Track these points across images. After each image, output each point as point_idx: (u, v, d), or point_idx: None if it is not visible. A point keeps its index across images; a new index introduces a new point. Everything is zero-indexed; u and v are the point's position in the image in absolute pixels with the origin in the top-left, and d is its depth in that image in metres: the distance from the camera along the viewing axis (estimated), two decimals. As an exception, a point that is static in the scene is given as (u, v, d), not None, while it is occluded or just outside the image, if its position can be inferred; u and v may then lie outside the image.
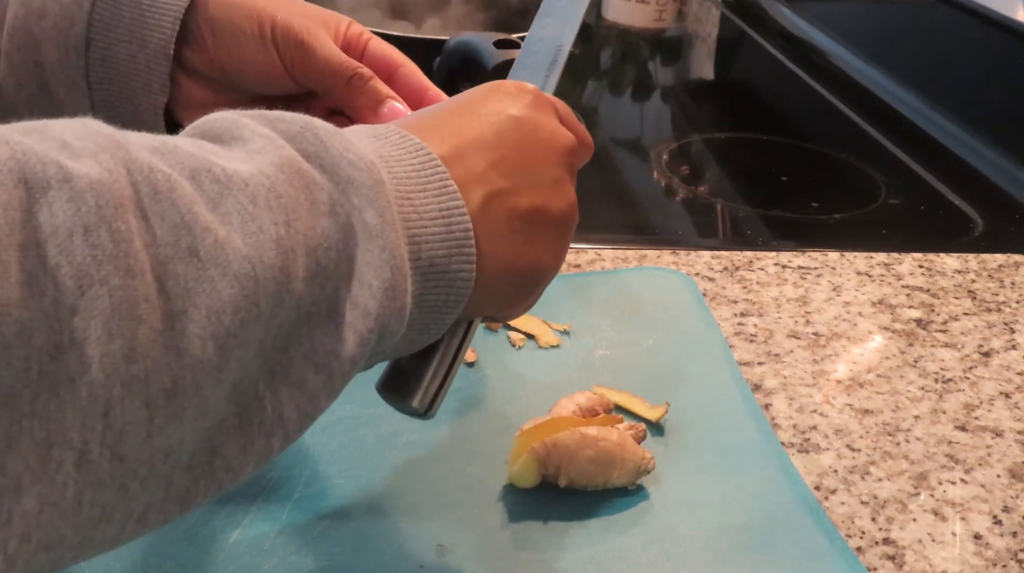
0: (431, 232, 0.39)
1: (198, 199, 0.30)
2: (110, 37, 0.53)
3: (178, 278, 0.29)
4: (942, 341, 0.74)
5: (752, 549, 0.52)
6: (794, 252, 0.85)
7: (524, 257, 0.44)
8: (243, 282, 0.30)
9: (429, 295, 0.39)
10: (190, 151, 0.32)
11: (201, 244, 0.29)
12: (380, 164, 0.38)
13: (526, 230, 0.43)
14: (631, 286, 0.76)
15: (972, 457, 0.62)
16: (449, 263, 0.39)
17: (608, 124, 1.19)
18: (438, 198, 0.39)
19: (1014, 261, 0.87)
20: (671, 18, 1.61)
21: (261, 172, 0.33)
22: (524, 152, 0.44)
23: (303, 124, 0.36)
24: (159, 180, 0.29)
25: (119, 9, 0.53)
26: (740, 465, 0.58)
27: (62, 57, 0.53)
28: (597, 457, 0.54)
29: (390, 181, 0.38)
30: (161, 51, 0.53)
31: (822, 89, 1.31)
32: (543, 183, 0.44)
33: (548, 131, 0.46)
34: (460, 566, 0.50)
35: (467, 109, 0.45)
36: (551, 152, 0.45)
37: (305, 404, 0.34)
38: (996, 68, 1.10)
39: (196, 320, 0.29)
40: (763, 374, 0.68)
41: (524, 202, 0.43)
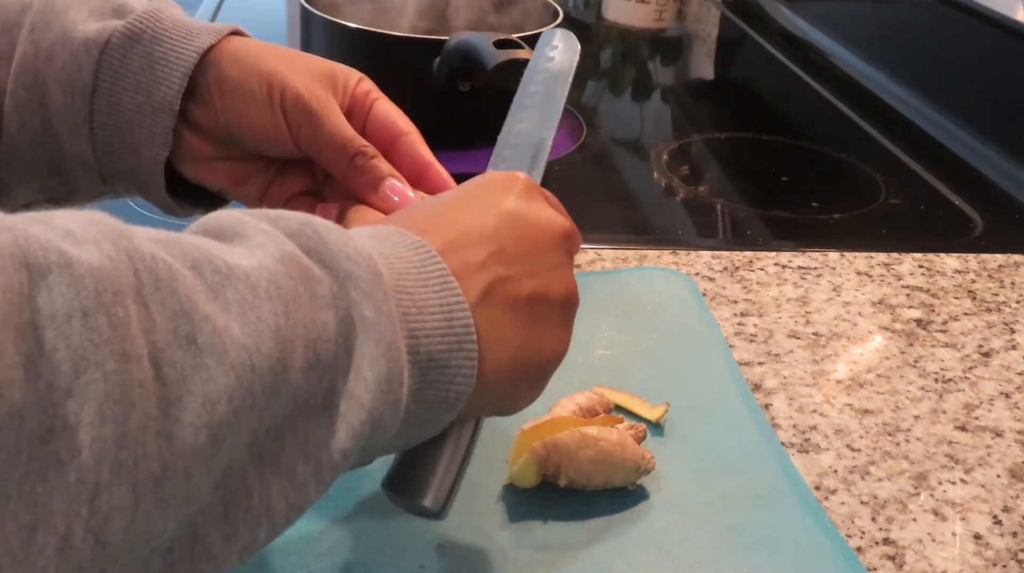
0: (431, 326, 0.38)
1: (199, 288, 0.30)
2: (117, 86, 0.52)
3: (175, 365, 0.29)
4: (942, 341, 0.74)
5: (752, 549, 0.52)
6: (794, 252, 0.85)
7: (528, 346, 0.43)
8: (239, 371, 0.30)
9: (428, 390, 0.39)
10: (193, 243, 0.32)
11: (199, 332, 0.30)
12: (379, 259, 0.38)
13: (529, 318, 0.43)
14: (631, 286, 0.76)
15: (972, 457, 0.62)
16: (449, 358, 0.39)
17: (608, 124, 1.19)
18: (439, 293, 0.39)
19: (1014, 261, 0.87)
20: (671, 18, 1.61)
21: (262, 265, 0.33)
22: (523, 241, 0.44)
23: (303, 221, 0.36)
24: (160, 268, 0.30)
25: (128, 58, 0.52)
26: (740, 465, 0.58)
27: (67, 101, 0.52)
28: (597, 457, 0.54)
29: (389, 276, 0.38)
30: (167, 106, 0.52)
31: (822, 89, 1.31)
32: (543, 269, 0.44)
33: (544, 218, 0.45)
34: (460, 566, 0.50)
35: (463, 202, 0.45)
36: (548, 239, 0.45)
37: (293, 495, 0.33)
38: (996, 68, 1.10)
39: (191, 408, 0.29)
40: (763, 374, 0.68)
41: (526, 289, 0.43)
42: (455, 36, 0.92)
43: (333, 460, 0.34)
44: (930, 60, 1.22)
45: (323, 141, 0.53)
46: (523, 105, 0.57)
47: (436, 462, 0.43)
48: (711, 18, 1.65)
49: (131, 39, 0.52)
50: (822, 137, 1.21)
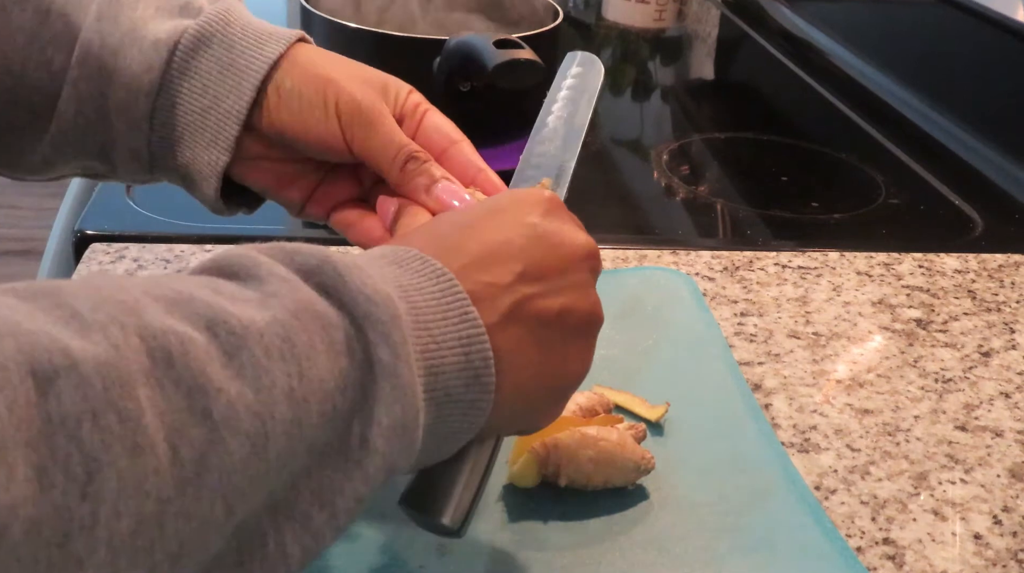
0: (449, 362, 0.38)
1: (213, 354, 0.30)
2: (183, 87, 0.52)
3: (192, 443, 0.29)
4: (942, 341, 0.74)
5: (752, 549, 0.52)
6: (794, 252, 0.85)
7: (551, 364, 0.43)
8: (254, 440, 0.30)
9: (442, 424, 0.39)
10: (206, 300, 0.32)
11: (214, 405, 0.30)
12: (399, 294, 0.38)
13: (553, 336, 0.43)
14: (631, 286, 0.76)
15: (972, 457, 0.62)
16: (466, 393, 0.39)
17: (608, 124, 1.19)
18: (457, 326, 0.39)
19: (1014, 261, 0.87)
20: (671, 18, 1.61)
21: (276, 320, 0.33)
22: (549, 258, 0.44)
23: (322, 258, 0.36)
24: (173, 343, 0.30)
25: (197, 61, 0.52)
26: (740, 465, 0.58)
27: (130, 98, 0.52)
28: (597, 457, 0.54)
29: (408, 312, 0.37)
30: (234, 114, 0.52)
31: (822, 89, 1.31)
32: (568, 287, 0.44)
33: (569, 236, 0.45)
34: (460, 566, 0.50)
35: (489, 217, 0.45)
36: (574, 257, 0.45)
37: (309, 541, 0.34)
38: (996, 68, 1.10)
39: (207, 484, 0.29)
40: (763, 374, 0.68)
41: (553, 306, 0.43)
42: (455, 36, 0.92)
43: (348, 505, 0.35)
44: (930, 60, 1.22)
45: (376, 145, 0.53)
46: (544, 126, 0.57)
47: (455, 480, 0.42)
48: (711, 18, 1.65)
49: (201, 41, 0.52)
50: (822, 137, 1.21)
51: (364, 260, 0.39)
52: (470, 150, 0.56)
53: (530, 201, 0.46)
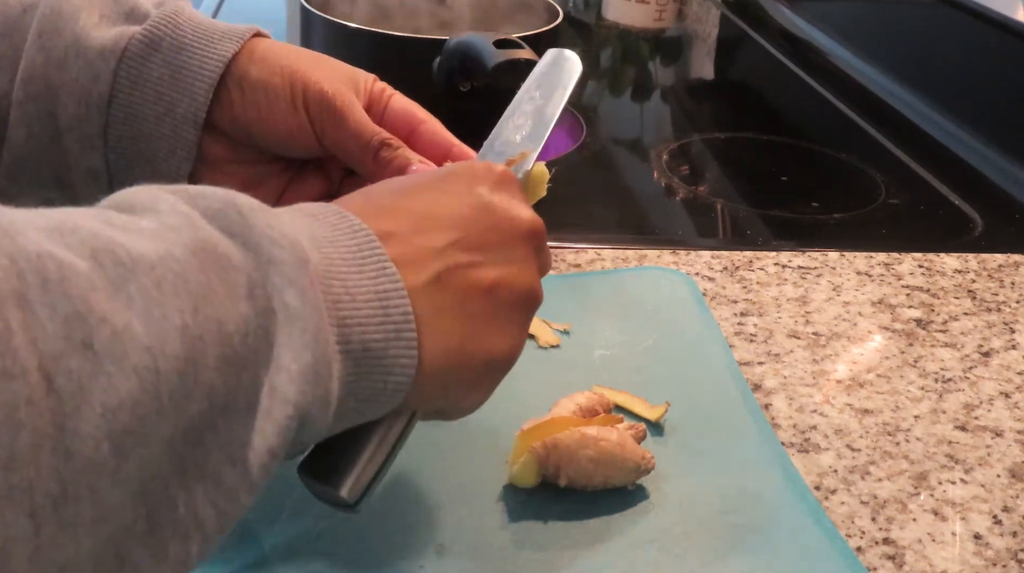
0: (364, 314, 0.36)
1: (96, 284, 0.28)
2: (135, 96, 0.50)
3: (69, 374, 0.26)
4: (942, 341, 0.74)
5: (752, 549, 0.52)
6: (794, 252, 0.85)
7: (476, 338, 0.41)
8: (142, 375, 0.28)
9: (363, 382, 0.37)
10: (93, 229, 0.29)
11: (96, 335, 0.27)
12: (311, 244, 0.36)
13: (483, 309, 0.41)
14: (631, 286, 0.76)
15: (972, 457, 0.62)
16: (386, 348, 0.37)
17: (608, 124, 1.19)
18: (374, 279, 0.37)
19: (1014, 261, 0.87)
20: (671, 18, 1.61)
21: (170, 255, 0.30)
22: (490, 231, 0.43)
23: (226, 200, 0.34)
24: (49, 268, 0.27)
25: (147, 67, 0.50)
26: (740, 465, 0.58)
27: (80, 112, 0.50)
28: (597, 457, 0.54)
29: (320, 262, 0.36)
30: (191, 118, 0.50)
31: (822, 89, 1.31)
32: (507, 261, 0.43)
33: (515, 211, 0.44)
34: (460, 566, 0.50)
35: (432, 187, 0.43)
36: (518, 231, 0.44)
37: (222, 501, 0.31)
38: (996, 68, 1.10)
39: (88, 419, 0.26)
40: (763, 374, 0.68)
41: (487, 277, 0.41)
42: (455, 36, 0.92)
43: (261, 460, 0.32)
44: (930, 60, 1.22)
45: (347, 136, 0.52)
46: (514, 115, 0.56)
47: (359, 453, 0.40)
48: (711, 18, 1.65)
49: (150, 46, 0.50)
50: (822, 137, 1.21)
51: (276, 210, 0.37)
52: (439, 127, 0.55)
53: (480, 173, 0.44)
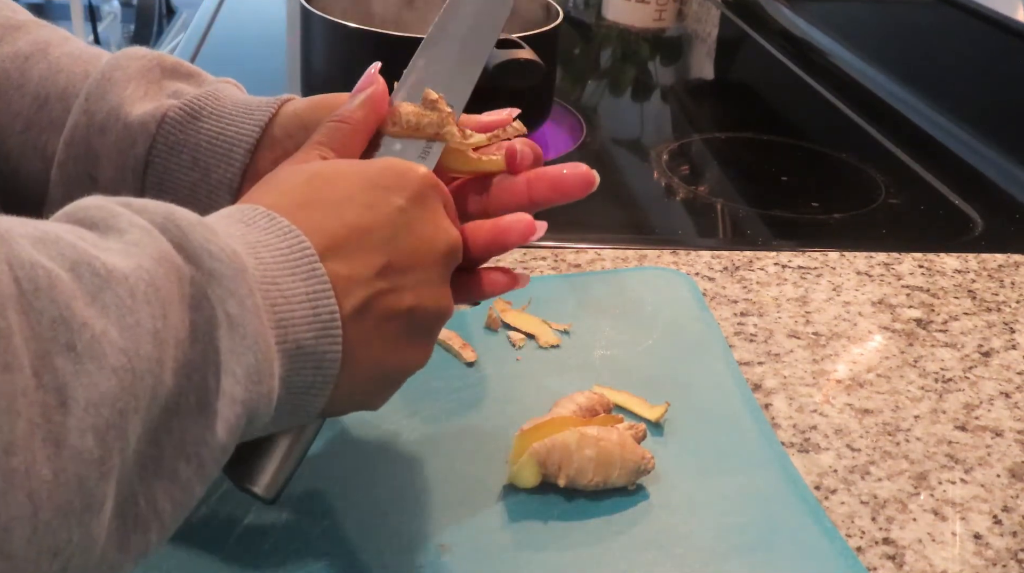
0: (298, 316, 0.39)
1: (77, 293, 0.31)
2: (171, 162, 0.51)
3: (56, 372, 0.29)
4: (942, 341, 0.74)
5: (752, 549, 0.52)
6: (794, 252, 0.85)
7: (392, 358, 0.44)
8: (120, 375, 0.31)
9: (296, 377, 0.39)
10: (71, 242, 0.32)
11: (78, 338, 0.30)
12: (246, 251, 0.38)
13: (399, 331, 0.44)
14: (631, 286, 0.76)
15: (972, 457, 0.62)
16: (317, 345, 0.40)
17: (608, 124, 1.19)
18: (306, 281, 0.40)
19: (1014, 261, 0.87)
20: (671, 18, 1.61)
21: (140, 266, 0.33)
22: (410, 254, 0.44)
23: (165, 214, 0.36)
24: (40, 276, 0.30)
25: (185, 134, 0.51)
26: (740, 465, 0.58)
27: (118, 177, 0.51)
28: (597, 457, 0.54)
29: (256, 267, 0.38)
30: (227, 183, 0.51)
31: (822, 89, 1.31)
32: (424, 283, 0.44)
33: (435, 229, 0.45)
34: (460, 566, 0.50)
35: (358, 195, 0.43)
36: (436, 253, 0.45)
37: (179, 494, 0.34)
38: (996, 68, 1.10)
39: (75, 413, 0.29)
40: (763, 374, 0.68)
41: (404, 303, 0.43)
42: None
43: (214, 455, 0.35)
44: (930, 60, 1.22)
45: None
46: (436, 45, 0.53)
47: (273, 451, 0.44)
48: (711, 18, 1.65)
49: (190, 116, 0.51)
50: (822, 137, 1.21)
51: (211, 218, 0.40)
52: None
53: (402, 181, 0.45)
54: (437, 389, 0.63)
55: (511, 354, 0.67)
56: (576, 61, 1.45)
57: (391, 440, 0.58)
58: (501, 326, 0.70)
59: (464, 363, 0.65)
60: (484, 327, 0.69)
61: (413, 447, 0.58)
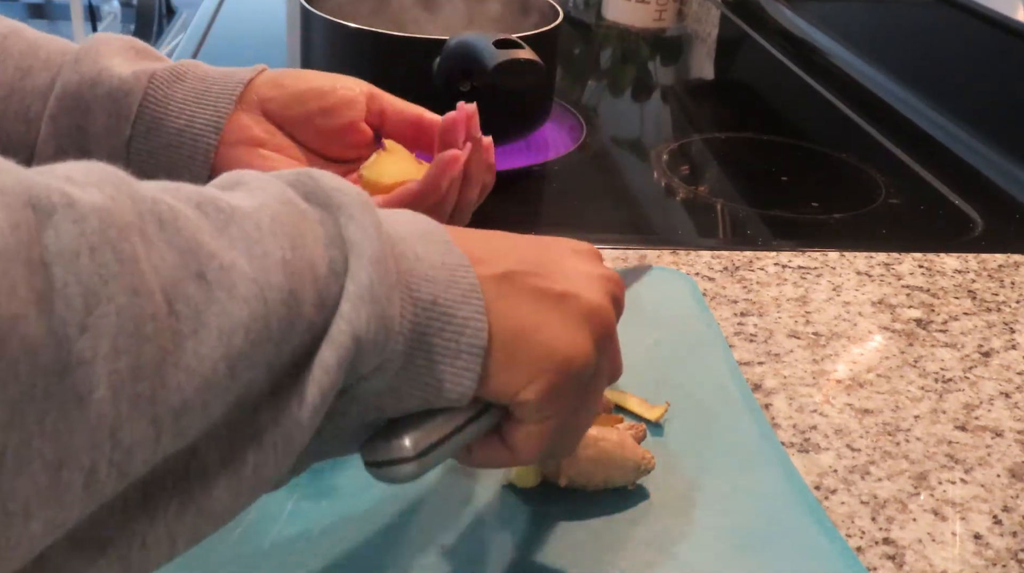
0: (431, 276, 0.38)
1: (203, 226, 0.31)
2: (159, 112, 0.58)
3: (188, 299, 0.29)
4: (942, 341, 0.74)
5: (752, 549, 0.52)
6: (794, 252, 0.85)
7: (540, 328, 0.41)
8: (252, 304, 0.31)
9: (435, 337, 0.38)
10: (195, 188, 0.33)
11: (207, 268, 0.30)
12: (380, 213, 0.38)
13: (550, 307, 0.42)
14: (631, 286, 0.76)
15: (972, 457, 0.62)
16: (456, 307, 0.38)
17: (608, 124, 1.19)
18: (442, 253, 0.39)
19: (1014, 261, 0.87)
20: (671, 18, 1.61)
21: (264, 204, 0.34)
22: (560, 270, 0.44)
23: (299, 171, 0.38)
24: (163, 210, 0.30)
25: (173, 90, 0.58)
26: (740, 465, 0.58)
27: (110, 125, 0.57)
28: (597, 457, 0.54)
29: (388, 225, 0.38)
30: (212, 125, 0.58)
31: (822, 89, 1.31)
32: (580, 276, 0.44)
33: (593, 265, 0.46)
34: (460, 566, 0.50)
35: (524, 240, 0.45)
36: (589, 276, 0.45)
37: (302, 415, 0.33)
38: (996, 68, 1.10)
39: (206, 341, 0.29)
40: (763, 374, 0.68)
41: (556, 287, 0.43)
42: (455, 36, 0.92)
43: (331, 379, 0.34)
44: (930, 60, 1.22)
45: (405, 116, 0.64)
46: None
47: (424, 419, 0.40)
48: (711, 18, 1.65)
49: (175, 76, 0.59)
50: (822, 137, 1.21)
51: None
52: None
53: (573, 244, 0.47)
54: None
55: (511, 354, 0.67)
56: (576, 61, 1.45)
57: (391, 440, 0.58)
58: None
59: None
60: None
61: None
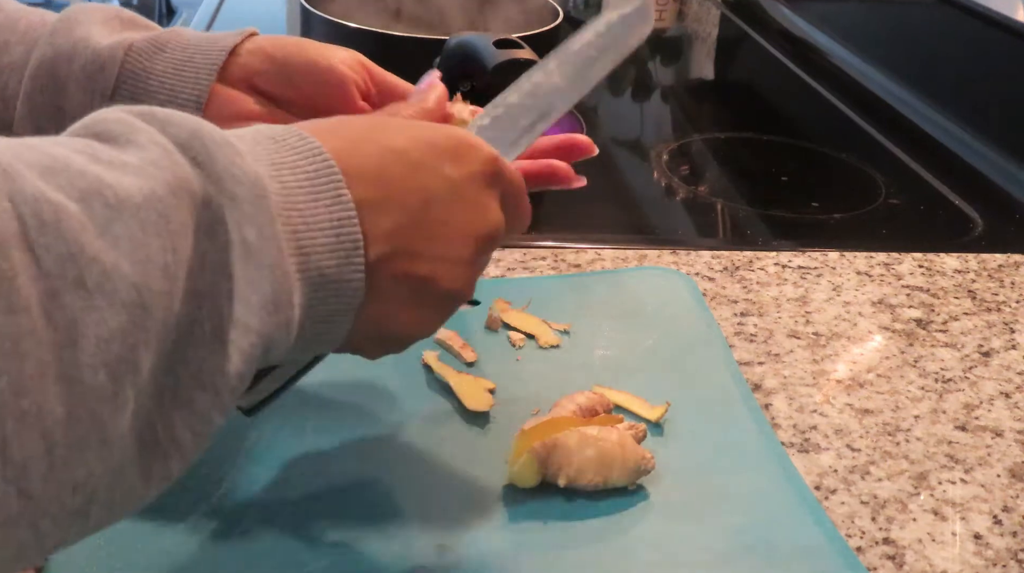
0: (320, 243, 0.38)
1: (87, 225, 0.30)
2: (138, 88, 0.53)
3: (65, 309, 0.29)
4: (942, 341, 0.74)
5: (752, 549, 0.52)
6: (794, 252, 0.85)
7: (395, 321, 0.43)
8: (131, 310, 0.30)
9: (320, 306, 0.39)
10: (80, 169, 0.31)
11: (88, 274, 0.29)
12: (270, 173, 0.38)
13: (407, 297, 0.43)
14: (631, 286, 0.76)
15: (972, 457, 0.62)
16: (340, 273, 0.39)
17: (608, 124, 1.19)
18: (329, 207, 0.39)
19: (1014, 261, 0.87)
20: (671, 18, 1.61)
21: (154, 194, 0.32)
22: (442, 225, 0.43)
23: (192, 131, 0.35)
24: (45, 211, 0.29)
25: (153, 62, 0.54)
26: (740, 465, 0.58)
27: (86, 102, 0.53)
28: (597, 457, 0.54)
29: (278, 191, 0.37)
30: (194, 100, 0.54)
31: (822, 89, 1.31)
32: (446, 260, 0.44)
33: (478, 210, 0.45)
34: (460, 566, 0.50)
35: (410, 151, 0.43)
36: (471, 232, 0.44)
37: (197, 424, 0.34)
38: (996, 68, 1.10)
39: (85, 349, 0.29)
40: (763, 374, 0.68)
41: (419, 271, 0.43)
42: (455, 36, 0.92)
43: (230, 384, 0.35)
44: (930, 60, 1.22)
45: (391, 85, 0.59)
46: (560, 59, 0.54)
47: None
48: (711, 18, 1.65)
49: (155, 47, 0.54)
50: (822, 137, 1.21)
51: (240, 133, 0.39)
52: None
53: (466, 156, 0.45)
54: (437, 389, 0.63)
55: (511, 354, 0.67)
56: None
57: (391, 440, 0.58)
58: (501, 326, 0.70)
59: (464, 363, 0.65)
60: (484, 327, 0.69)
61: (413, 447, 0.58)
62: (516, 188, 0.48)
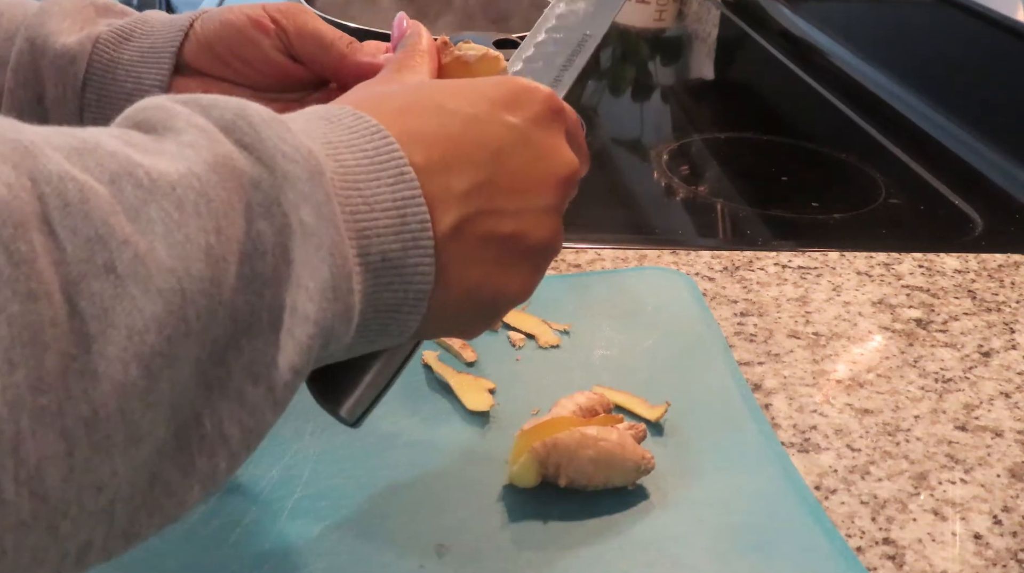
0: (383, 224, 0.35)
1: (116, 208, 0.28)
2: (107, 78, 0.54)
3: (92, 297, 0.26)
4: (942, 341, 0.74)
5: (752, 549, 0.52)
6: (794, 252, 0.85)
7: (491, 284, 0.41)
8: (168, 297, 0.28)
9: (384, 293, 0.36)
10: (111, 150, 0.29)
11: (118, 259, 0.27)
12: (325, 151, 0.35)
13: (499, 257, 0.40)
14: (631, 286, 0.76)
15: (972, 457, 0.62)
16: (405, 257, 0.36)
17: (608, 124, 1.19)
18: (392, 187, 0.36)
19: (1014, 261, 0.87)
20: (671, 18, 1.61)
21: (191, 173, 0.30)
22: (518, 176, 0.41)
23: (237, 111, 0.33)
24: (70, 190, 0.27)
25: (120, 52, 0.54)
26: (740, 465, 0.58)
27: (59, 94, 0.53)
28: (597, 457, 0.54)
29: (335, 170, 0.35)
30: (158, 83, 0.54)
31: (822, 89, 1.31)
32: (531, 211, 0.41)
33: (551, 153, 0.42)
34: (460, 566, 0.50)
35: (468, 104, 0.40)
36: (549, 178, 0.42)
37: (247, 419, 0.31)
38: (996, 68, 1.10)
39: (115, 342, 0.27)
40: (763, 374, 0.68)
41: (506, 228, 0.40)
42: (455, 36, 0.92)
43: (284, 377, 0.32)
44: (930, 60, 1.22)
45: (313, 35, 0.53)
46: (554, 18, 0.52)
47: (361, 377, 0.42)
48: (711, 18, 1.65)
49: (121, 37, 0.54)
50: (822, 137, 1.21)
51: (291, 115, 0.36)
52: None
53: (522, 99, 0.42)
54: (437, 389, 0.63)
55: (511, 354, 0.67)
56: (576, 61, 1.45)
57: (391, 440, 0.58)
58: (501, 326, 0.70)
59: (464, 363, 0.65)
60: (484, 327, 0.69)
61: (413, 447, 0.58)
62: (576, 124, 0.45)
